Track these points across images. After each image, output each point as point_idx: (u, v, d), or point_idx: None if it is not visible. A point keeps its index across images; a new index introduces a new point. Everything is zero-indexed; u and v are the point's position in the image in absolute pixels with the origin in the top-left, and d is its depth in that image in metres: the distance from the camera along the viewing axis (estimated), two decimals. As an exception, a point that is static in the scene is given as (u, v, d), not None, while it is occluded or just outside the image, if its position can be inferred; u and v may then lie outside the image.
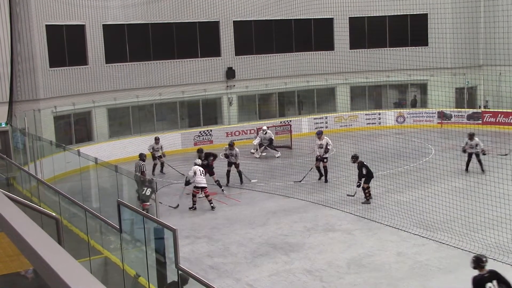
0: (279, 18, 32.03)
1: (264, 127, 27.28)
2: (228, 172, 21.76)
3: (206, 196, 18.64)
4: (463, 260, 13.17)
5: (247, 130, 29.95)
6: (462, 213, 15.92)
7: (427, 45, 33.66)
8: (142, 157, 19.77)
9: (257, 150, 27.00)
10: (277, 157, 26.83)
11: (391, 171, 21.93)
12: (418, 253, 13.85)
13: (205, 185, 18.67)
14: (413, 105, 35.08)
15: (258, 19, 31.73)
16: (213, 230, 16.47)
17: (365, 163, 18.56)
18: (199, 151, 21.42)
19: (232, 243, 15.27)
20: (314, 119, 32.34)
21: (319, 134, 22.01)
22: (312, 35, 33.67)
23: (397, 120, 33.40)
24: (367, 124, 32.93)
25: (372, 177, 18.59)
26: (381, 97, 35.65)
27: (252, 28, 32.08)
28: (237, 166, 21.82)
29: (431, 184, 19.41)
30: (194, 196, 18.78)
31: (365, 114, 33.27)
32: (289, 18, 32.14)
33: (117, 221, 10.04)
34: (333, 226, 16.28)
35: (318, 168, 21.88)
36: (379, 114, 33.48)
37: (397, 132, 30.80)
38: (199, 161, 19.61)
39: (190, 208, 18.65)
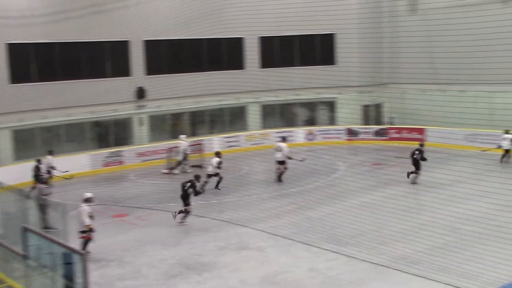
0: (190, 38, 32.06)
1: (182, 136, 27.72)
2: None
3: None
4: (371, 273, 13.57)
5: (159, 150, 29.59)
6: (370, 227, 16.43)
7: (334, 64, 34.58)
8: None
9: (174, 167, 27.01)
10: (189, 172, 26.82)
11: (302, 188, 22.31)
12: (329, 268, 14.11)
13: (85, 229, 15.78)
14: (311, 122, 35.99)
15: (168, 38, 31.62)
16: (124, 252, 16.14)
17: (417, 152, 22.26)
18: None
19: (144, 264, 15.03)
20: (226, 138, 32.45)
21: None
22: (223, 54, 33.92)
23: (307, 138, 34.00)
24: (278, 142, 33.26)
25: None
26: (292, 115, 36.24)
27: (163, 47, 31.94)
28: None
29: (341, 199, 19.86)
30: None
31: (276, 132, 33.67)
32: (200, 37, 32.23)
33: (21, 248, 9.69)
34: (246, 244, 16.34)
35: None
36: (290, 131, 33.99)
37: (307, 150, 31.34)
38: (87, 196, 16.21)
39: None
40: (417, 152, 22.28)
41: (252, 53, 33.72)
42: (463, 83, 30.11)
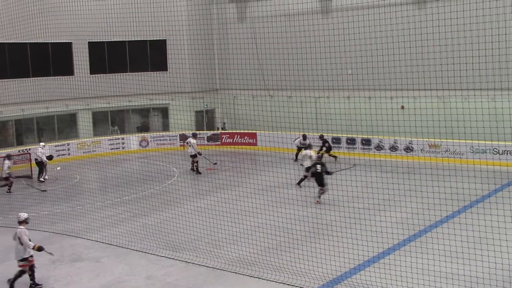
0: (14, 42, 30.46)
1: (41, 144, 27.06)
2: None
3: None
4: (208, 277, 13.81)
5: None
6: (206, 231, 16.70)
7: (166, 70, 34.66)
8: None
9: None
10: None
11: (136, 195, 22.13)
12: (167, 275, 14.14)
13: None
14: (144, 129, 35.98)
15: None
16: None
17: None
18: None
19: (-32, 285, 14.07)
20: (56, 146, 31.24)
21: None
22: (50, 59, 32.59)
23: (140, 144, 33.75)
24: (110, 149, 32.74)
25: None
26: (124, 121, 35.77)
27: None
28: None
29: (176, 205, 19.96)
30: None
31: (109, 140, 33.07)
32: (25, 41, 30.73)
33: None
34: (80, 256, 15.89)
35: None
36: (123, 138, 33.53)
37: (141, 156, 31.15)
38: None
39: None
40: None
41: (81, 58, 32.79)
42: (290, 89, 31.60)
